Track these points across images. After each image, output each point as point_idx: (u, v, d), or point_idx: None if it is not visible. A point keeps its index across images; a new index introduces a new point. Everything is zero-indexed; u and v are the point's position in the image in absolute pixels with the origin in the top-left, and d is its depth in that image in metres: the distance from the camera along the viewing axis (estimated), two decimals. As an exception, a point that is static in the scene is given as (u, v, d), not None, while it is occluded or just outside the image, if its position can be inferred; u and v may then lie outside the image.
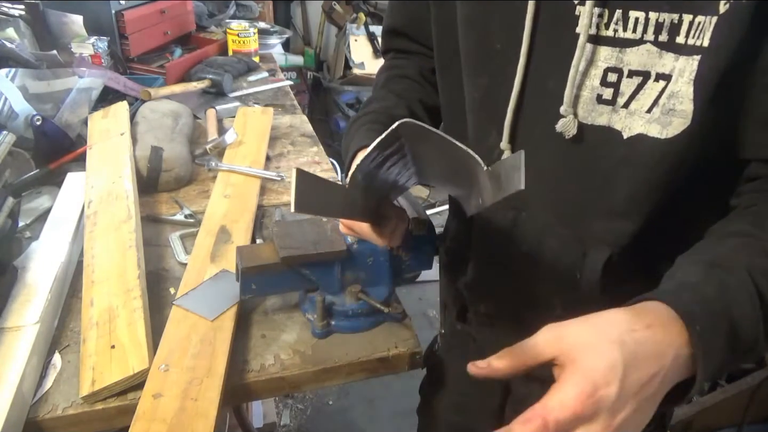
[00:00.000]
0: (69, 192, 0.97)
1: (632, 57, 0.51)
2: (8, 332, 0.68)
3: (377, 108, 0.72)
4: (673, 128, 0.51)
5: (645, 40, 0.50)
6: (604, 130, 0.55)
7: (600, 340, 0.41)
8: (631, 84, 0.52)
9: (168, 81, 1.52)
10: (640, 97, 0.52)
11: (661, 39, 0.49)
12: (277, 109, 1.48)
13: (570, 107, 0.55)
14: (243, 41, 1.80)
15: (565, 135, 0.56)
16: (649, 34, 0.50)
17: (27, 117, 1.07)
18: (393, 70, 0.78)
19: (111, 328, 0.69)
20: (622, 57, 0.52)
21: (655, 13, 0.49)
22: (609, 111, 0.54)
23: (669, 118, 0.50)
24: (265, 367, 0.70)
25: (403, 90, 0.74)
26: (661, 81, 0.51)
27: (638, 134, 0.53)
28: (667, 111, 0.50)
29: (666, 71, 0.50)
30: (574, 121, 0.55)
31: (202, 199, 1.05)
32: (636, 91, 0.52)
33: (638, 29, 0.50)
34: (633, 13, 0.50)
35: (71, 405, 0.64)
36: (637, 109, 0.52)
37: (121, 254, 0.80)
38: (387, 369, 0.75)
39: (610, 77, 0.53)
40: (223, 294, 0.76)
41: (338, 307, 0.75)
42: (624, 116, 0.53)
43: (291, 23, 3.57)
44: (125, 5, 1.57)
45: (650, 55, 0.50)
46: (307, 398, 1.97)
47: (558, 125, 0.56)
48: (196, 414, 0.60)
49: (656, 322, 0.43)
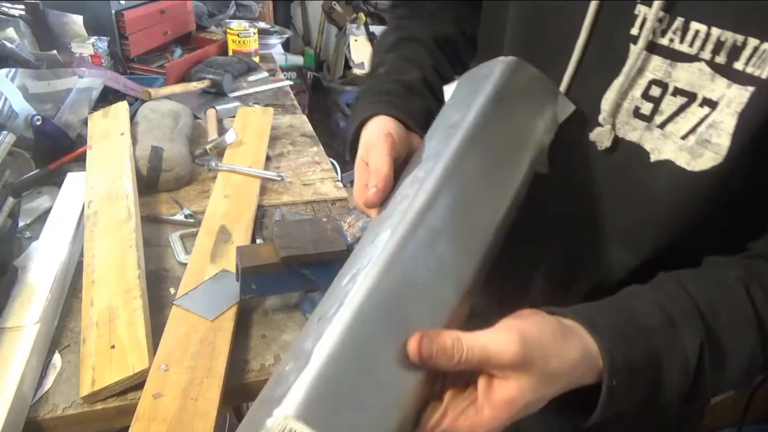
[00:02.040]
0: (69, 192, 0.97)
1: (682, 74, 0.46)
2: (8, 332, 0.68)
3: (384, 72, 0.65)
4: (703, 162, 0.46)
5: (700, 57, 0.45)
6: (632, 147, 0.50)
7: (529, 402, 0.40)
8: (673, 103, 0.47)
9: (168, 81, 1.52)
10: (679, 120, 0.47)
11: (718, 60, 0.44)
12: (277, 109, 1.48)
13: (610, 116, 0.50)
14: (243, 41, 1.80)
15: (597, 145, 0.52)
16: (706, 51, 0.44)
17: (27, 117, 1.07)
18: (402, 30, 0.70)
19: (111, 328, 0.69)
20: (671, 71, 0.47)
21: (719, 29, 0.43)
22: (643, 128, 0.49)
23: (701, 149, 0.46)
24: (265, 367, 0.70)
25: (414, 55, 0.67)
26: (705, 107, 0.45)
27: (666, 160, 0.48)
28: (702, 141, 0.46)
29: (714, 97, 0.45)
30: (610, 133, 0.51)
31: (202, 199, 1.05)
32: (676, 113, 0.47)
33: (696, 44, 0.45)
34: (694, 24, 0.44)
35: (71, 405, 0.64)
36: (672, 132, 0.48)
37: (121, 254, 0.80)
38: (387, 369, 0.74)
39: (653, 91, 0.48)
40: (223, 294, 0.76)
41: (338, 307, 0.75)
42: (657, 137, 0.49)
43: (291, 23, 3.57)
44: (125, 5, 1.57)
45: (701, 76, 0.45)
46: (307, 398, 1.96)
47: (593, 134, 0.52)
48: (196, 414, 0.60)
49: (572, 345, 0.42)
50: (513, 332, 0.39)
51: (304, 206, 1.07)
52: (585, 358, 0.42)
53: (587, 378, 0.42)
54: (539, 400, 0.40)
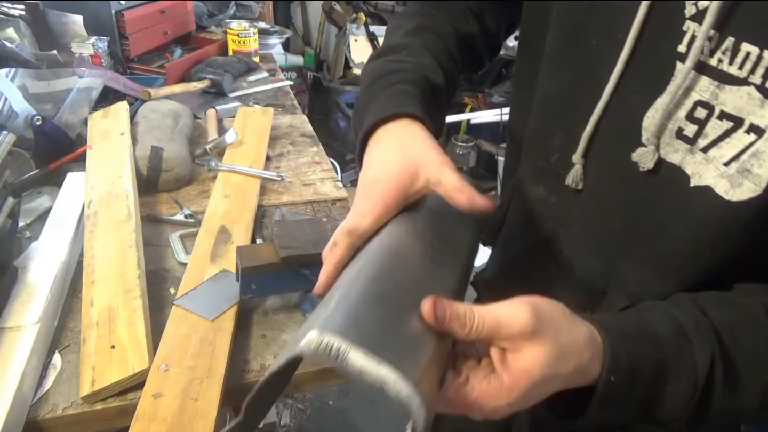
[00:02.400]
0: (69, 192, 0.97)
1: (729, 97, 0.43)
2: (8, 332, 0.68)
3: (410, 62, 0.61)
4: (741, 192, 0.44)
5: (750, 81, 0.42)
6: (673, 169, 0.48)
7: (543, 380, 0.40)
8: (718, 127, 0.45)
9: (168, 81, 1.52)
10: (723, 146, 0.44)
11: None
12: (277, 109, 1.48)
13: (654, 137, 0.48)
14: (243, 41, 1.80)
15: (639, 166, 0.49)
16: (756, 75, 0.42)
17: (27, 117, 1.07)
18: (424, 18, 0.67)
19: (111, 328, 0.69)
20: (718, 93, 0.44)
21: None
22: (685, 150, 0.47)
23: (741, 179, 0.44)
24: (265, 367, 0.70)
25: (437, 50, 0.64)
26: (752, 134, 0.43)
27: (706, 186, 0.46)
28: (742, 171, 0.43)
29: (762, 125, 0.42)
30: (654, 155, 0.48)
31: (202, 199, 1.05)
32: (721, 137, 0.45)
33: (746, 66, 0.42)
34: (746, 45, 0.42)
35: (71, 405, 0.64)
36: (715, 157, 0.45)
37: (121, 254, 0.80)
38: (387, 369, 0.74)
39: (698, 113, 0.45)
40: (223, 294, 0.76)
41: (338, 307, 0.75)
42: (699, 161, 0.46)
43: (291, 23, 3.58)
44: (125, 5, 1.57)
45: (750, 101, 0.42)
46: (307, 398, 1.97)
47: (635, 154, 0.49)
48: (196, 414, 0.60)
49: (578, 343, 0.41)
50: (524, 305, 0.39)
51: (304, 206, 1.07)
52: (591, 345, 0.41)
53: (592, 368, 0.41)
54: (553, 377, 0.39)
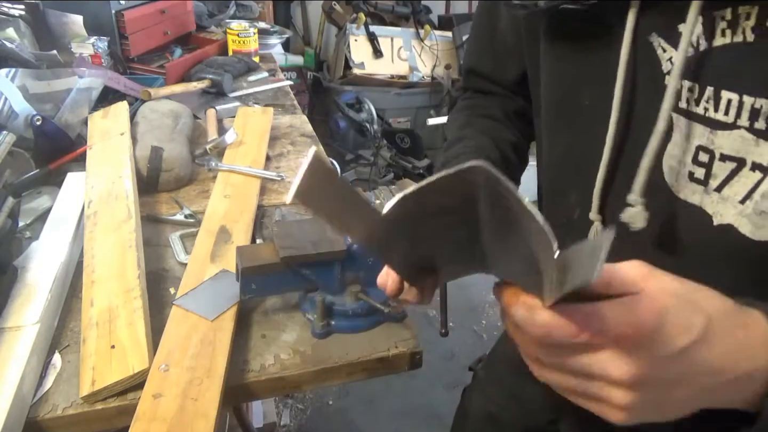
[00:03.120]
0: (69, 192, 0.97)
1: (724, 141, 0.45)
2: (8, 332, 0.68)
3: (469, 145, 0.65)
4: (766, 232, 0.44)
5: (738, 125, 0.43)
6: (696, 210, 0.48)
7: (689, 301, 0.35)
8: (724, 168, 0.45)
9: (168, 81, 1.52)
10: (734, 184, 0.45)
11: (758, 126, 0.42)
12: (277, 109, 1.48)
13: (640, 196, 0.48)
14: (243, 41, 1.80)
15: (629, 227, 0.49)
16: (743, 119, 0.43)
17: (27, 117, 1.07)
18: (475, 109, 0.72)
19: (111, 328, 0.69)
20: (713, 138, 0.45)
21: (751, 97, 0.42)
22: (701, 191, 0.48)
23: (762, 220, 0.44)
24: (265, 367, 0.70)
25: (491, 130, 0.68)
26: (757, 171, 0.44)
27: (728, 224, 0.46)
28: (760, 212, 0.44)
29: (764, 162, 0.43)
30: (643, 214, 0.48)
31: (202, 199, 1.05)
32: (730, 177, 0.45)
33: (731, 112, 0.43)
34: (725, 93, 0.43)
35: (71, 405, 0.63)
36: (730, 195, 0.46)
37: (121, 254, 0.80)
38: (387, 369, 0.75)
39: (701, 157, 0.47)
40: (223, 294, 0.76)
41: (338, 307, 0.75)
42: (716, 200, 0.47)
43: (291, 23, 3.58)
44: (125, 5, 1.57)
45: (744, 142, 0.44)
46: (307, 398, 1.97)
47: (624, 215, 0.49)
48: (196, 414, 0.60)
49: (753, 326, 0.37)
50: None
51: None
52: (756, 328, 0.37)
53: (759, 362, 0.36)
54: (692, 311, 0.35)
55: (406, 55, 3.46)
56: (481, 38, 0.73)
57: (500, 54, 0.69)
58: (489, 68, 0.73)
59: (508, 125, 0.71)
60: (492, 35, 0.70)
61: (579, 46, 0.53)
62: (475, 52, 0.75)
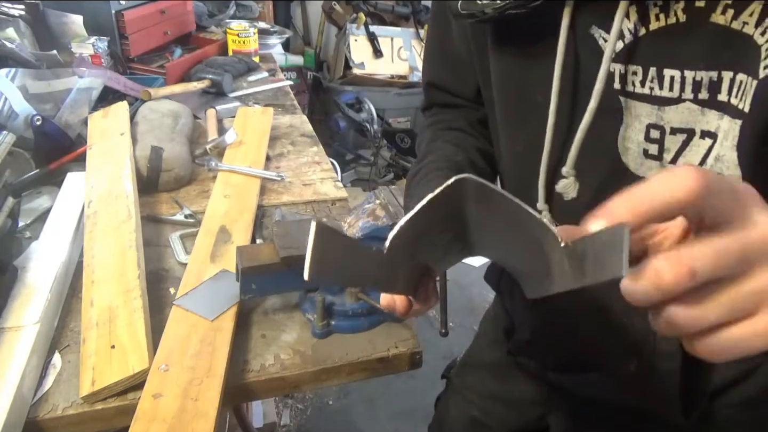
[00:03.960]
0: (69, 192, 0.97)
1: (672, 115, 0.48)
2: (8, 332, 0.68)
3: (435, 158, 0.67)
4: None
5: (683, 98, 0.47)
6: None
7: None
8: (675, 141, 0.49)
9: (168, 81, 1.52)
10: (687, 154, 0.49)
11: (701, 97, 0.46)
12: (277, 109, 1.48)
13: (572, 168, 0.52)
14: (243, 41, 1.80)
15: (564, 197, 0.53)
16: (687, 92, 0.46)
17: (27, 117, 1.07)
18: (440, 123, 0.75)
19: (111, 328, 0.69)
20: (662, 115, 0.49)
21: (691, 71, 0.45)
22: (657, 166, 0.51)
23: None
24: (265, 367, 0.70)
25: (457, 139, 0.70)
26: (707, 138, 0.47)
27: None
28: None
29: (711, 129, 0.46)
30: (574, 184, 0.53)
31: (202, 199, 1.05)
32: (682, 148, 0.49)
33: (675, 87, 0.47)
34: (668, 71, 0.46)
35: (71, 405, 0.63)
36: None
37: (121, 254, 0.80)
38: (387, 369, 0.75)
39: (652, 134, 0.50)
40: (223, 294, 0.76)
41: (338, 307, 0.75)
42: None
43: (291, 23, 3.58)
44: (125, 5, 1.57)
45: (691, 113, 0.47)
46: (307, 398, 1.97)
47: (558, 186, 0.53)
48: (196, 414, 0.60)
49: None
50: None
51: (304, 206, 1.07)
52: None
53: None
54: None
55: (406, 55, 3.46)
56: (436, 52, 0.74)
57: (455, 66, 0.70)
58: (447, 81, 0.74)
59: (474, 134, 0.72)
60: (445, 48, 0.70)
61: (527, 49, 0.55)
62: (432, 66, 0.76)
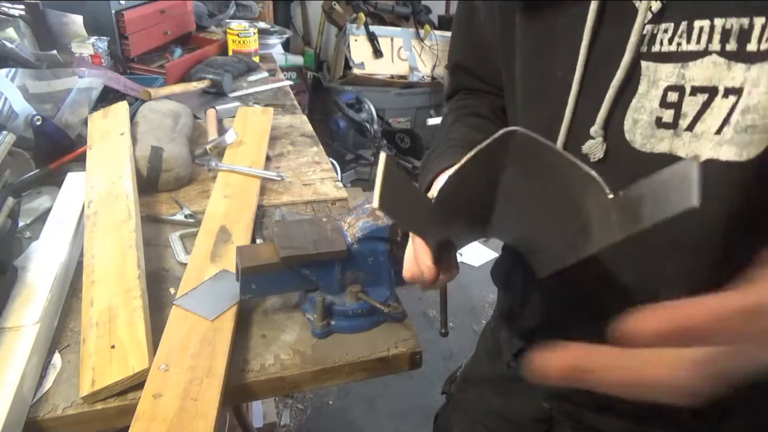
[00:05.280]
0: (69, 192, 0.97)
1: (695, 72, 0.45)
2: (8, 332, 0.68)
3: (454, 137, 0.66)
4: (755, 147, 0.44)
5: (710, 50, 0.44)
6: (666, 158, 0.49)
7: None
8: (694, 103, 0.46)
9: (168, 81, 1.52)
10: (707, 118, 0.46)
11: (729, 48, 0.43)
12: (277, 109, 1.48)
13: (601, 128, 0.51)
14: (243, 41, 1.80)
15: (590, 157, 0.52)
16: (714, 43, 0.44)
17: (27, 117, 1.07)
18: (464, 109, 0.74)
19: (111, 328, 0.69)
20: (684, 73, 0.46)
21: (721, 19, 0.43)
22: (670, 135, 0.48)
23: (748, 136, 0.44)
24: (265, 367, 0.70)
25: (478, 124, 0.70)
26: (730, 96, 0.44)
27: (707, 160, 0.46)
28: (744, 128, 0.44)
29: (736, 85, 0.44)
30: (602, 145, 0.51)
31: (202, 199, 1.05)
32: (701, 111, 0.46)
33: (702, 39, 0.44)
34: (698, 22, 0.44)
35: (71, 405, 0.63)
36: (704, 131, 0.46)
37: (121, 254, 0.80)
38: (387, 369, 0.75)
39: (670, 97, 0.47)
40: (223, 294, 0.76)
41: (338, 307, 0.75)
42: (688, 141, 0.47)
43: (291, 23, 3.58)
44: (125, 5, 1.57)
45: (716, 68, 0.44)
46: (307, 398, 1.97)
47: (585, 146, 0.52)
48: (196, 414, 0.60)
49: None
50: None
51: (304, 206, 1.07)
52: None
53: None
54: None
55: (406, 55, 3.46)
56: (463, 35, 0.74)
57: (481, 50, 0.70)
58: (473, 64, 0.74)
59: (496, 121, 0.72)
60: (472, 31, 0.70)
61: (552, 21, 0.54)
62: (458, 49, 0.76)
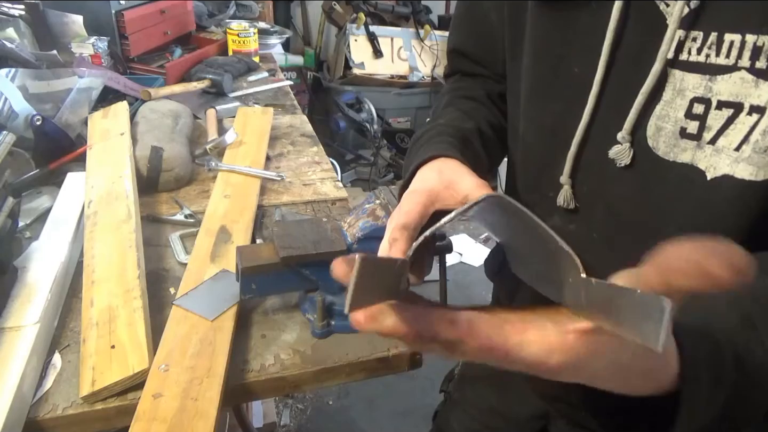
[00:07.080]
0: (69, 192, 0.97)
1: (723, 86, 0.45)
2: (8, 332, 0.68)
3: (443, 122, 0.66)
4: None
5: (739, 66, 0.44)
6: (687, 168, 0.48)
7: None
8: (720, 117, 0.46)
9: (168, 81, 1.52)
10: (730, 133, 0.46)
11: (759, 66, 0.43)
12: (277, 109, 1.48)
13: (628, 134, 0.50)
14: (243, 41, 1.80)
15: (617, 163, 0.52)
16: (744, 59, 0.44)
17: (27, 117, 1.07)
18: (458, 90, 0.73)
19: (111, 328, 0.69)
20: (711, 86, 0.46)
21: (753, 35, 0.43)
22: (693, 147, 0.48)
23: (766, 158, 0.44)
24: (265, 367, 0.70)
25: (471, 109, 0.69)
26: (754, 114, 0.44)
27: (723, 175, 0.46)
28: (763, 149, 0.44)
29: (761, 103, 0.44)
30: (629, 151, 0.51)
31: (202, 199, 1.05)
32: (725, 126, 0.46)
33: (732, 54, 0.44)
34: (728, 36, 0.44)
35: (71, 405, 0.63)
36: (724, 146, 0.46)
37: (121, 254, 0.80)
38: (387, 369, 0.75)
39: (696, 109, 0.47)
40: (223, 294, 0.76)
41: (338, 307, 0.75)
42: (710, 154, 0.47)
43: (291, 23, 3.58)
44: (125, 5, 1.57)
45: (744, 84, 0.44)
46: (307, 398, 1.97)
47: (612, 151, 0.51)
48: (196, 414, 0.60)
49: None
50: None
51: (304, 206, 1.07)
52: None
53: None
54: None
55: (406, 55, 3.46)
56: (465, 19, 0.73)
57: (484, 35, 0.69)
58: (473, 49, 0.73)
59: (489, 106, 0.71)
60: (475, 17, 0.69)
61: (569, 15, 0.53)
62: (459, 33, 0.74)
